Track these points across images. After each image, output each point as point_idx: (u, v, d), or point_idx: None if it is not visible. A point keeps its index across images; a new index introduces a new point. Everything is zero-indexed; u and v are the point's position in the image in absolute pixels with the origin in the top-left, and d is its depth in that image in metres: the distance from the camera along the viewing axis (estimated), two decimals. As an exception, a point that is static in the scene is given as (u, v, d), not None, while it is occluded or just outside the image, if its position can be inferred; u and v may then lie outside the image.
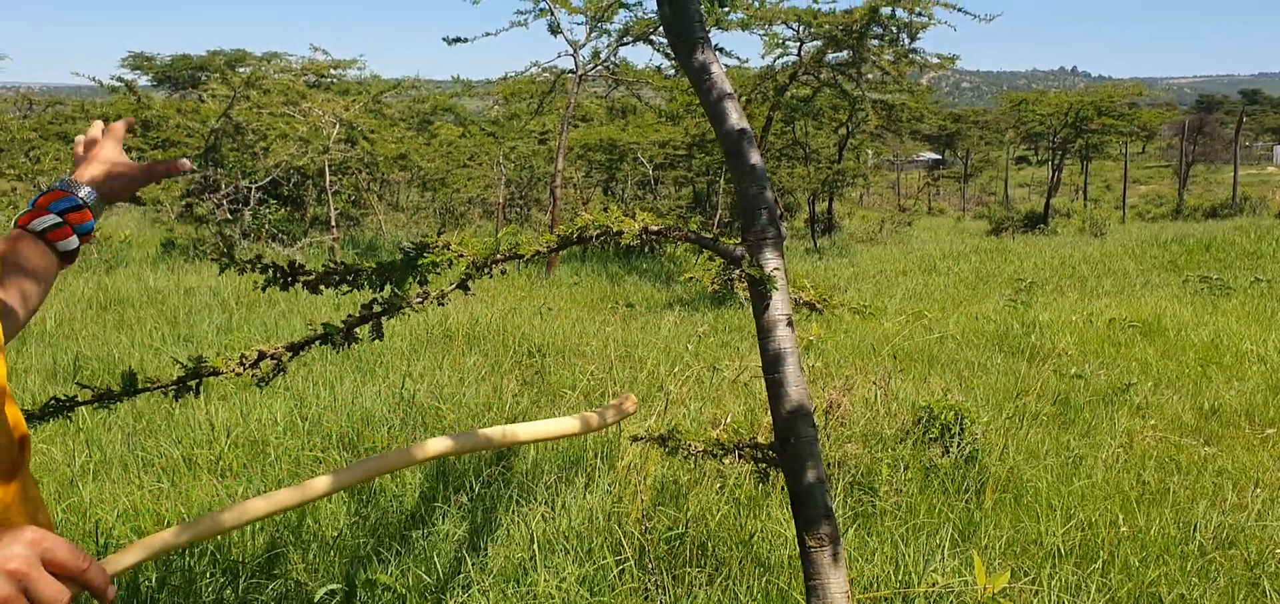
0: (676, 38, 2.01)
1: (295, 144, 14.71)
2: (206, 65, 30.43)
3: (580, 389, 6.27)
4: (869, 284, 13.37)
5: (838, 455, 4.63)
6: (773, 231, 1.90)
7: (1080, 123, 26.87)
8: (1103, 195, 41.03)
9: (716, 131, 1.99)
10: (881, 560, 3.70)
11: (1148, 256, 15.67)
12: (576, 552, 3.64)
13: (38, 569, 0.98)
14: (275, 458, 4.79)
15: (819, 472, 1.85)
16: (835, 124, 22.31)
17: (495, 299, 10.18)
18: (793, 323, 1.89)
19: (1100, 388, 6.74)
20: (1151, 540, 3.99)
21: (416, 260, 1.96)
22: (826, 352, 7.65)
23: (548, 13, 13.57)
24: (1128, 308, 10.00)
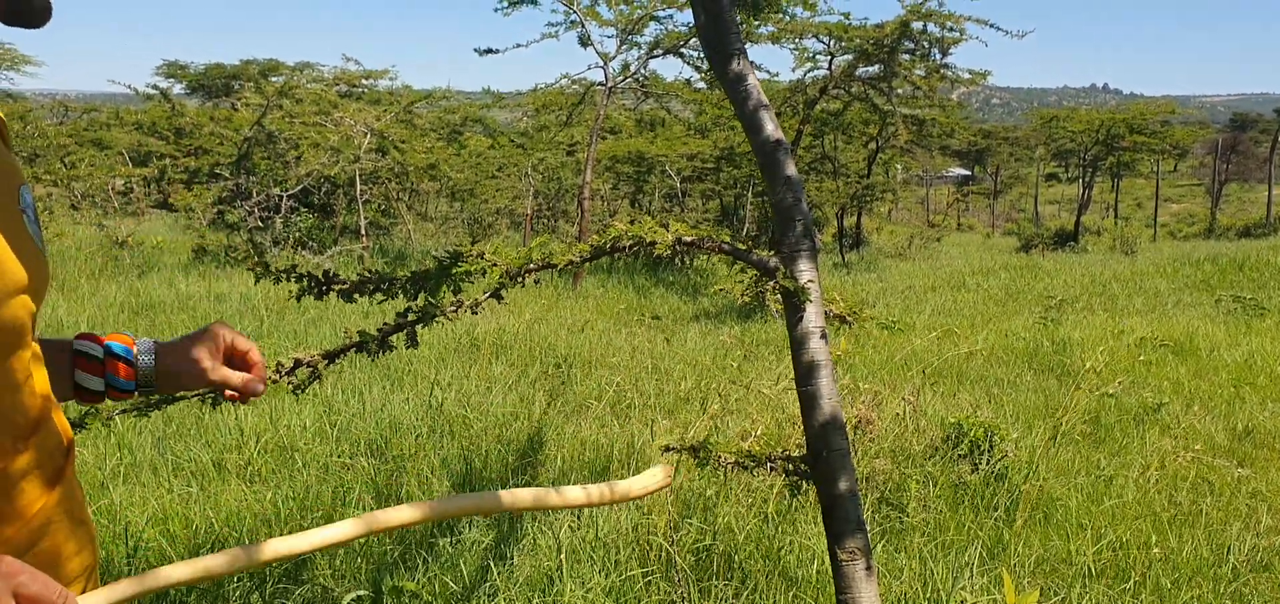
0: (713, 49, 2.01)
1: (327, 153, 14.82)
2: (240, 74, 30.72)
3: (606, 400, 6.27)
4: (897, 299, 13.31)
5: (866, 471, 4.60)
6: (807, 243, 1.90)
7: (1111, 140, 26.68)
8: (1134, 213, 40.69)
9: (752, 142, 1.99)
10: (910, 577, 3.68)
11: (1180, 276, 15.52)
12: (603, 562, 3.64)
13: (7, 600, 0.96)
14: (303, 464, 4.81)
15: (851, 484, 1.84)
16: (865, 138, 22.29)
17: (522, 309, 10.20)
18: (826, 335, 1.89)
19: (1131, 407, 6.67)
20: (1184, 562, 3.94)
21: (451, 269, 1.97)
22: (855, 367, 7.62)
23: (578, 25, 13.62)
24: (1159, 327, 9.91)
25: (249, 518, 4.14)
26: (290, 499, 4.36)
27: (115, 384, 1.35)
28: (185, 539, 3.99)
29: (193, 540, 3.98)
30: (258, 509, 4.25)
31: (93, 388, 1.34)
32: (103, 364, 1.34)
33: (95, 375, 1.34)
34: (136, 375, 1.36)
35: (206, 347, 1.40)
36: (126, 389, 1.36)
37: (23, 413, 1.09)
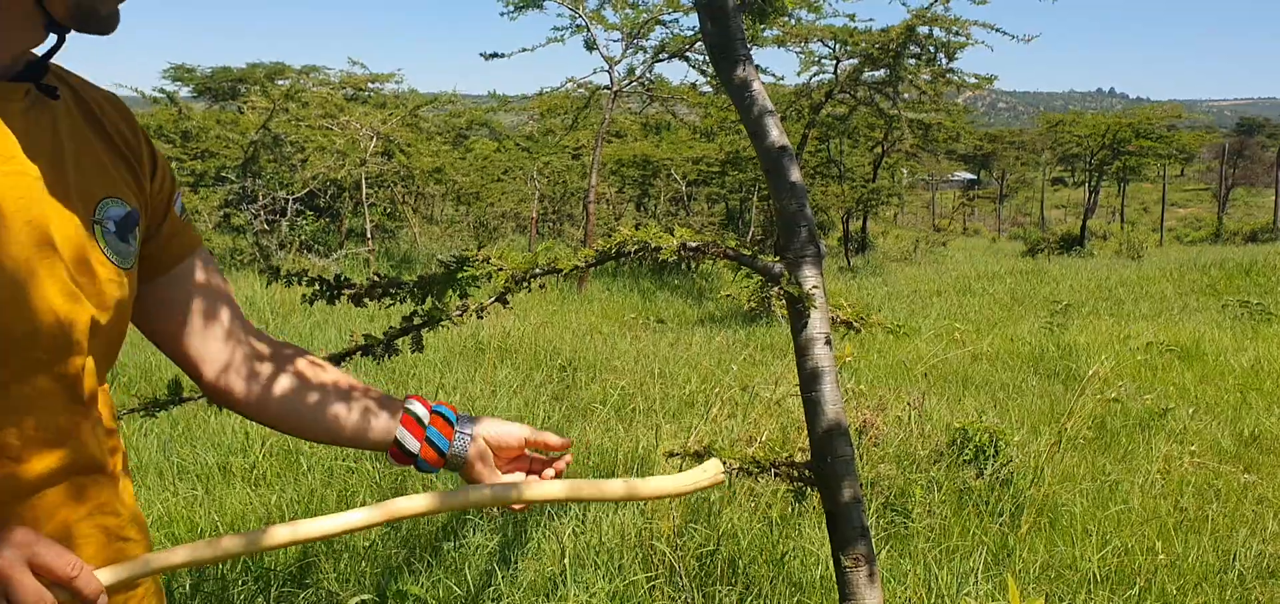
0: (718, 54, 2.01)
1: (332, 156, 14.85)
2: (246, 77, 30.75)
3: (611, 405, 6.28)
4: (903, 304, 13.30)
5: (871, 476, 4.60)
6: (812, 249, 1.90)
7: (1118, 145, 26.62)
8: (1140, 218, 40.60)
9: (756, 148, 1.99)
10: (914, 583, 3.67)
11: (1186, 280, 15.49)
12: (607, 567, 3.64)
13: (21, 571, 0.97)
14: (308, 467, 4.82)
15: (855, 490, 1.84)
16: (870, 143, 22.28)
17: (527, 313, 10.21)
18: (831, 341, 1.89)
19: (1137, 412, 6.66)
20: (1190, 568, 3.93)
21: (457, 273, 1.97)
22: (860, 371, 7.61)
23: (584, 29, 13.64)
24: (1166, 332, 9.89)
25: (254, 521, 4.15)
26: (295, 502, 4.37)
27: (432, 441, 1.37)
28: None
29: (198, 543, 3.98)
30: (262, 512, 4.26)
31: (405, 443, 1.36)
32: (425, 428, 1.37)
33: (410, 432, 1.36)
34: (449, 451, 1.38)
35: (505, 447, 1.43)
36: (441, 450, 1.37)
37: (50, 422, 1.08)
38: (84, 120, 1.18)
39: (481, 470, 1.39)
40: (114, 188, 1.16)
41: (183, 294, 1.28)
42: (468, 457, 1.37)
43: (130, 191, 1.19)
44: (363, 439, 1.35)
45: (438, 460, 1.36)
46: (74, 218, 1.09)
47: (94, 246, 1.11)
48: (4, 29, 1.07)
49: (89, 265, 1.10)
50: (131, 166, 1.21)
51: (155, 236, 1.26)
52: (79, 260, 1.09)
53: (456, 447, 1.36)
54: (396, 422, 1.35)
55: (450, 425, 1.37)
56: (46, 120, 1.12)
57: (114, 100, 1.24)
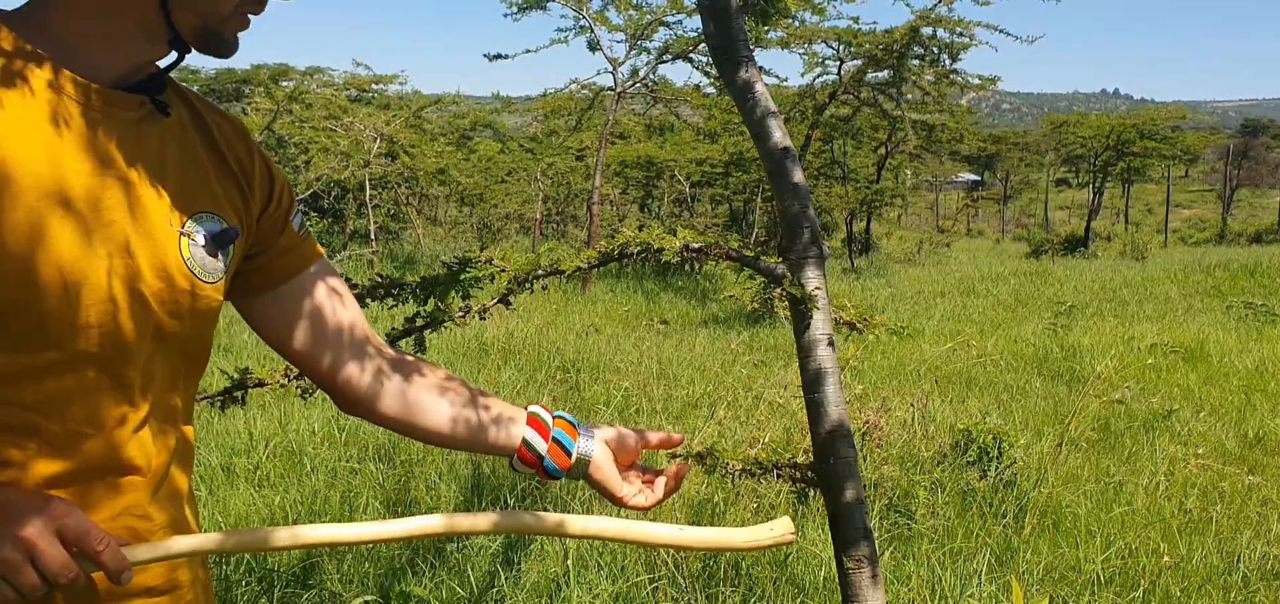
0: (720, 55, 2.01)
1: (336, 158, 14.86)
2: (250, 79, 30.77)
3: (614, 406, 6.28)
4: (907, 305, 13.30)
5: (874, 477, 4.60)
6: (815, 250, 1.90)
7: (1122, 146, 26.58)
8: (1144, 219, 40.56)
9: (759, 149, 1.99)
10: (918, 584, 3.67)
11: (1190, 281, 15.47)
12: (610, 569, 3.64)
13: (48, 539, 1.00)
14: (312, 468, 4.82)
15: (858, 492, 1.84)
16: (874, 144, 22.27)
17: (531, 314, 10.21)
18: (833, 343, 1.89)
19: (1141, 414, 6.65)
20: (1193, 570, 3.92)
21: (459, 275, 1.97)
22: (863, 373, 7.61)
23: (588, 30, 13.64)
24: (1170, 333, 9.88)
25: (257, 522, 4.15)
26: (299, 504, 4.37)
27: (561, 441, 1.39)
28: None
29: (201, 544, 3.99)
30: (266, 513, 4.26)
31: (539, 449, 1.38)
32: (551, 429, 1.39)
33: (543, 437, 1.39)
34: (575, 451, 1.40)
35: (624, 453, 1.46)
36: (569, 452, 1.40)
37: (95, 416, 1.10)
38: (199, 138, 1.22)
39: (608, 473, 1.41)
40: (215, 204, 1.20)
41: (302, 305, 1.32)
42: (593, 458, 1.40)
43: (233, 211, 1.22)
44: (484, 441, 1.38)
45: (566, 462, 1.38)
46: (161, 226, 1.12)
47: (176, 256, 1.14)
48: (125, 37, 1.11)
49: (167, 272, 1.13)
50: (241, 187, 1.25)
51: (270, 250, 1.29)
52: (156, 267, 1.12)
53: (582, 448, 1.39)
54: (522, 423, 1.39)
55: (574, 428, 1.41)
56: (155, 133, 1.15)
57: (233, 121, 1.29)
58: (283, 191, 1.32)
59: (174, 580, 1.23)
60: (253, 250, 1.28)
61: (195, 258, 1.16)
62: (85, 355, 1.07)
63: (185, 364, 1.22)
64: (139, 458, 1.15)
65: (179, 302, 1.15)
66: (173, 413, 1.21)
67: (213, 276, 1.19)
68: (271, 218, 1.29)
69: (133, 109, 1.12)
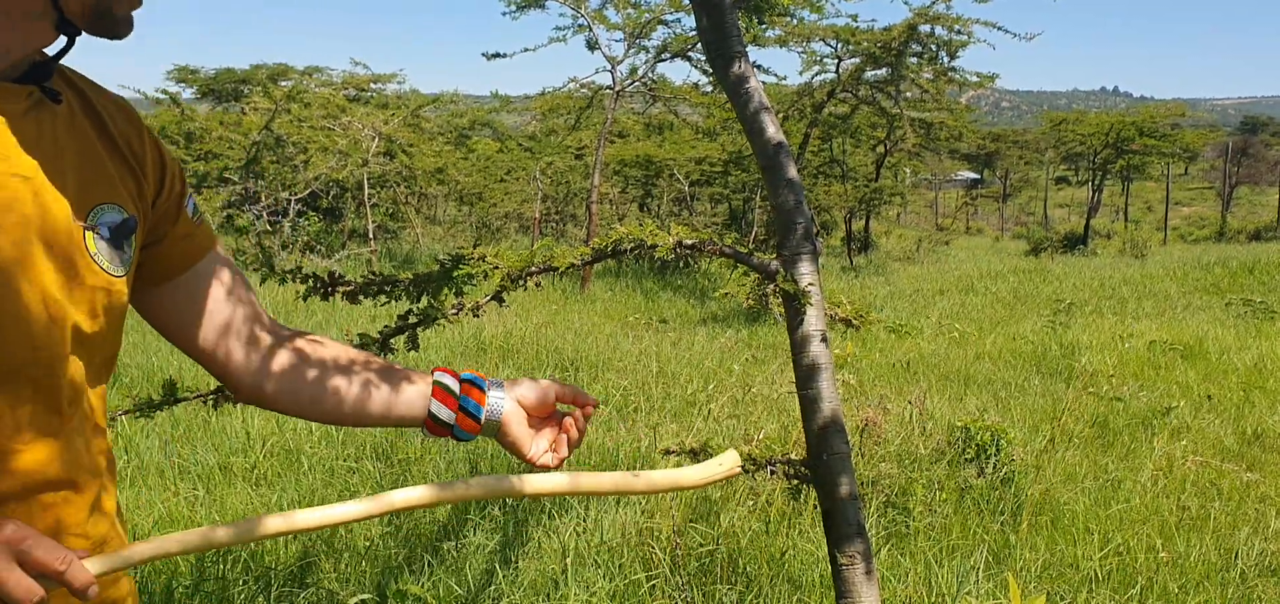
0: (714, 52, 2.01)
1: (335, 157, 14.86)
2: (249, 79, 30.77)
3: (613, 404, 6.27)
4: (905, 303, 13.29)
5: (872, 474, 4.59)
6: (808, 246, 1.90)
7: (1121, 143, 26.56)
8: (1144, 216, 40.55)
9: (753, 145, 1.99)
10: (915, 581, 3.67)
11: (1189, 279, 15.47)
12: (607, 566, 3.63)
13: (9, 566, 0.96)
14: (309, 467, 4.82)
15: (851, 487, 1.84)
16: (873, 142, 22.24)
17: (530, 312, 10.21)
18: (827, 338, 1.88)
19: (1140, 411, 6.65)
20: (1191, 567, 3.92)
21: (452, 272, 1.97)
22: (862, 370, 7.60)
23: (586, 29, 13.63)
24: (1169, 330, 9.87)
25: (254, 521, 4.14)
26: (296, 502, 4.37)
27: (468, 408, 1.35)
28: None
29: (198, 543, 3.98)
30: (263, 512, 4.25)
31: (445, 418, 1.35)
32: (458, 397, 1.35)
33: (449, 407, 1.35)
34: (484, 416, 1.36)
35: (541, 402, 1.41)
36: (475, 415, 1.36)
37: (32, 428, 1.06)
38: (90, 125, 1.16)
39: (517, 433, 1.38)
40: (113, 194, 1.15)
41: (199, 295, 1.28)
42: (501, 419, 1.36)
43: (130, 199, 1.17)
44: (393, 416, 1.35)
45: (474, 427, 1.35)
46: (66, 222, 1.07)
47: (83, 252, 1.09)
48: (11, 26, 1.06)
49: (77, 270, 1.08)
50: (134, 173, 1.19)
51: (165, 239, 1.25)
52: (67, 264, 1.07)
53: (491, 410, 1.35)
54: (428, 395, 1.35)
55: (482, 391, 1.36)
56: (48, 123, 1.10)
57: (122, 105, 1.23)
58: (175, 175, 1.27)
59: (119, 594, 1.20)
60: (149, 239, 1.23)
61: (102, 253, 1.11)
62: (9, 368, 1.03)
63: (102, 368, 1.17)
64: (71, 472, 1.11)
65: (94, 301, 1.11)
66: (97, 423, 1.17)
67: (122, 269, 1.15)
68: (165, 204, 1.24)
69: (22, 100, 1.07)
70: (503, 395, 1.37)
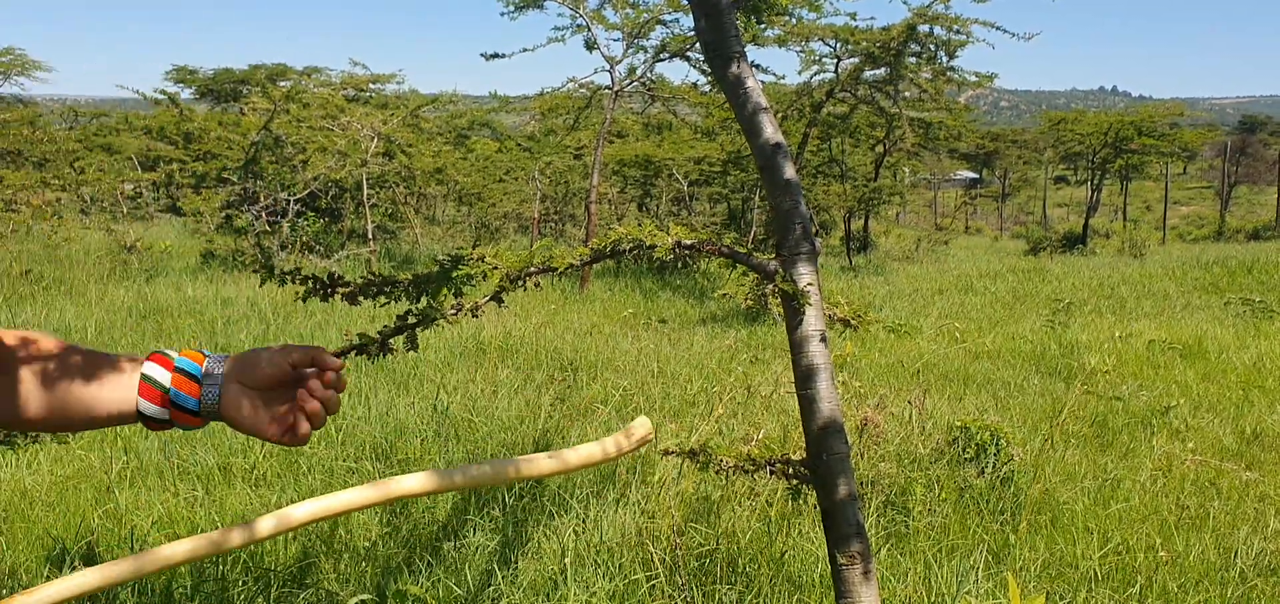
0: (712, 51, 2.01)
1: (334, 157, 14.85)
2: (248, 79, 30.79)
3: (612, 405, 6.27)
4: (905, 302, 13.29)
5: (871, 474, 4.59)
6: (806, 246, 1.90)
7: (1120, 143, 26.57)
8: (1142, 216, 40.55)
9: (751, 145, 1.99)
10: (914, 581, 3.67)
11: (1188, 278, 15.47)
12: (607, 566, 3.63)
13: None
14: (309, 468, 4.82)
15: (851, 488, 1.84)
16: (872, 142, 22.25)
17: (529, 313, 10.20)
18: (826, 338, 1.88)
19: (1139, 410, 6.65)
20: (1191, 566, 3.92)
21: (452, 272, 1.97)
22: (861, 369, 7.60)
23: (585, 29, 13.63)
24: (1168, 330, 9.88)
25: (254, 522, 4.14)
26: (295, 503, 4.36)
27: (181, 403, 1.24)
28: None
29: (198, 544, 3.98)
30: (263, 513, 4.25)
31: (156, 416, 1.24)
32: (166, 390, 1.24)
33: (159, 403, 1.24)
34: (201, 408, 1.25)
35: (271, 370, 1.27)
36: (191, 410, 1.25)
37: None
38: None
39: (246, 414, 1.25)
40: None
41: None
42: (220, 408, 1.24)
43: None
44: (99, 414, 1.23)
45: (193, 420, 1.24)
46: None
47: None
48: None
49: None
50: None
51: None
52: None
53: (206, 400, 1.24)
54: (135, 392, 1.23)
55: (196, 381, 1.24)
56: None
57: None
58: None
59: None
60: None
61: None
62: None
63: None
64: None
65: None
66: None
67: None
68: None
69: None
70: (217, 381, 1.25)
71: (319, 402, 1.26)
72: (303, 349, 1.28)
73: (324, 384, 1.27)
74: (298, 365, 1.27)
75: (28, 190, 13.90)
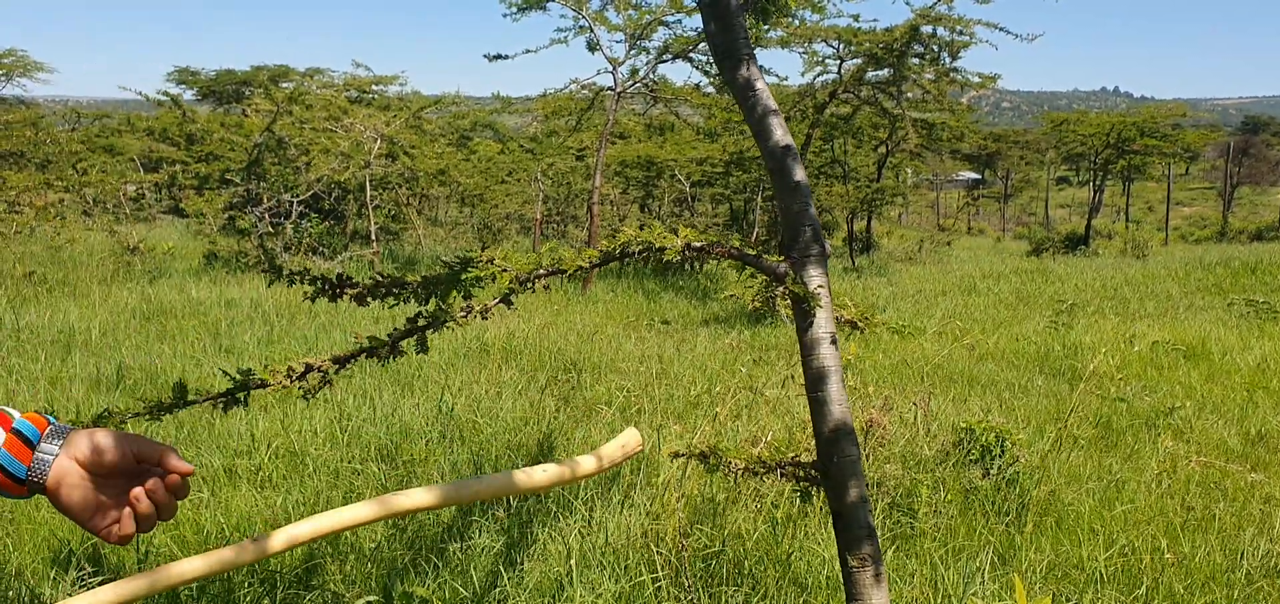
0: (722, 54, 2.01)
1: (337, 159, 14.86)
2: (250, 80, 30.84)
3: (616, 405, 6.27)
4: (908, 304, 13.29)
5: (877, 476, 4.59)
6: (816, 249, 1.90)
7: (1122, 144, 26.56)
8: (1145, 216, 40.57)
9: (761, 148, 1.99)
10: (920, 582, 3.67)
11: (1191, 279, 15.46)
12: (613, 568, 3.63)
13: None
14: (314, 469, 4.82)
15: (861, 490, 1.84)
16: (875, 142, 22.26)
17: (532, 314, 10.21)
18: (836, 341, 1.88)
19: (1143, 411, 6.65)
20: (1197, 568, 3.92)
21: (461, 275, 1.97)
22: (865, 371, 7.60)
23: (587, 31, 13.65)
24: (1171, 331, 9.87)
25: (260, 523, 4.15)
26: (301, 505, 4.37)
27: (8, 467, 1.16)
28: (196, 544, 4.00)
29: (204, 546, 3.99)
30: (268, 514, 4.26)
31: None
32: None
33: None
34: (26, 476, 1.17)
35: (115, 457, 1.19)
36: (18, 477, 1.16)
37: None
38: None
39: (70, 498, 1.17)
40: None
41: None
42: (46, 482, 1.16)
43: None
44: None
45: (17, 488, 1.16)
46: None
47: None
48: None
49: None
50: None
51: None
52: None
53: (34, 471, 1.16)
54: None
55: (30, 446, 1.16)
56: None
57: None
58: None
59: None
60: None
61: None
62: None
63: None
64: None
65: None
66: None
67: None
68: None
69: None
70: (52, 453, 1.17)
71: (153, 506, 1.19)
72: (153, 445, 1.20)
73: (167, 488, 1.20)
74: (143, 460, 1.20)
75: (31, 192, 13.91)
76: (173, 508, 1.20)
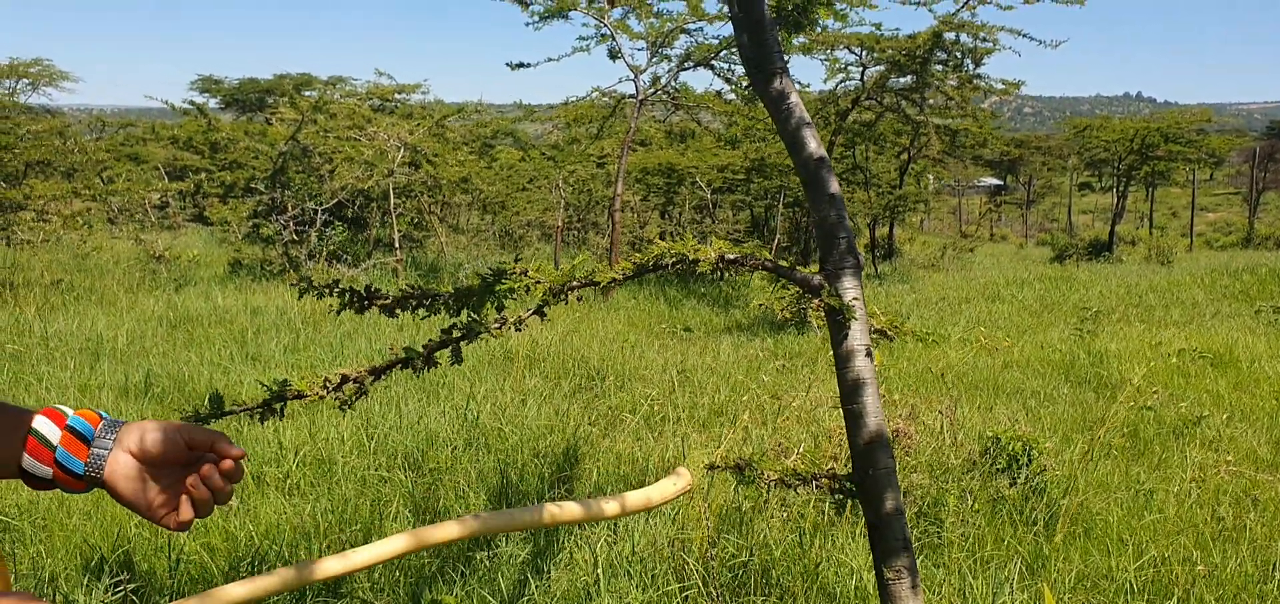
0: (754, 67, 2.02)
1: (360, 167, 14.94)
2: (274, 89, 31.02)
3: (640, 414, 6.27)
4: (931, 311, 13.24)
5: (904, 485, 4.58)
6: (851, 260, 1.90)
7: (1146, 149, 26.38)
8: (1169, 223, 40.28)
9: (794, 160, 1.99)
10: (949, 592, 3.65)
11: (1217, 286, 15.33)
12: (640, 577, 3.64)
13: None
14: (342, 477, 4.84)
15: (897, 502, 1.84)
16: (897, 149, 22.22)
17: (555, 321, 10.23)
18: (871, 353, 1.88)
19: (1171, 420, 6.59)
20: (1229, 579, 3.89)
21: (494, 286, 1.98)
22: (890, 379, 7.58)
23: (609, 39, 13.68)
24: (1198, 339, 9.79)
25: (288, 531, 4.17)
26: (329, 512, 4.39)
27: (67, 465, 1.19)
28: (226, 551, 4.02)
29: (233, 553, 4.02)
30: (296, 522, 4.28)
31: (36, 471, 1.18)
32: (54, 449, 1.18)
33: (40, 461, 1.18)
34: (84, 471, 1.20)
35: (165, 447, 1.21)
36: (76, 473, 1.19)
37: None
38: None
39: (127, 489, 1.20)
40: None
41: None
42: (104, 476, 1.20)
43: None
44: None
45: (77, 484, 1.20)
46: None
47: None
48: None
49: None
50: None
51: None
52: None
53: (92, 466, 1.19)
54: (21, 446, 1.18)
55: (86, 443, 1.20)
56: None
57: None
58: None
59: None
60: None
61: None
62: None
63: None
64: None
65: None
66: None
67: None
68: None
69: None
70: (107, 447, 1.20)
71: (209, 492, 1.22)
72: (205, 432, 1.23)
73: (221, 473, 1.23)
74: (195, 447, 1.23)
75: (58, 200, 14.04)
76: (228, 492, 1.24)
